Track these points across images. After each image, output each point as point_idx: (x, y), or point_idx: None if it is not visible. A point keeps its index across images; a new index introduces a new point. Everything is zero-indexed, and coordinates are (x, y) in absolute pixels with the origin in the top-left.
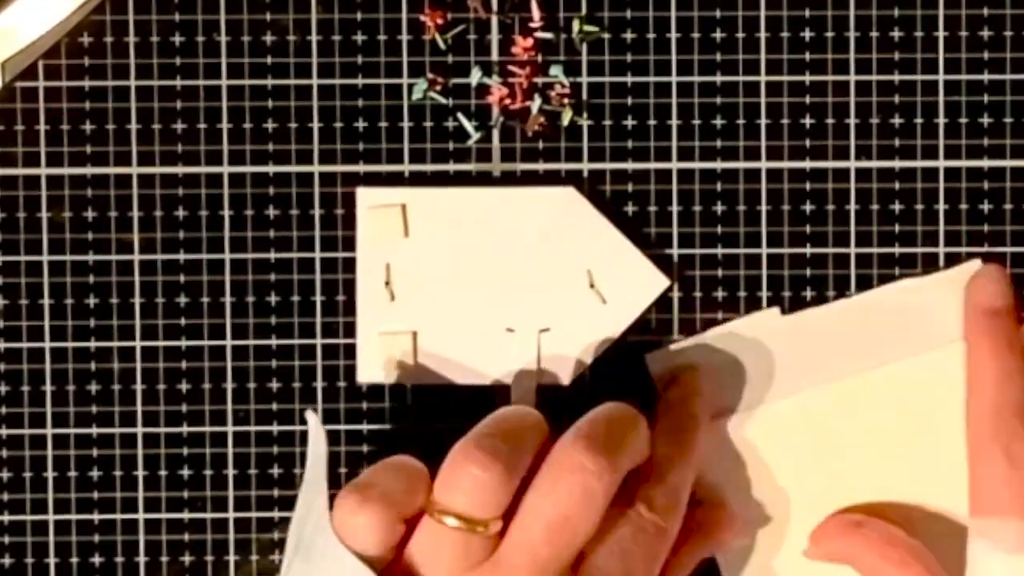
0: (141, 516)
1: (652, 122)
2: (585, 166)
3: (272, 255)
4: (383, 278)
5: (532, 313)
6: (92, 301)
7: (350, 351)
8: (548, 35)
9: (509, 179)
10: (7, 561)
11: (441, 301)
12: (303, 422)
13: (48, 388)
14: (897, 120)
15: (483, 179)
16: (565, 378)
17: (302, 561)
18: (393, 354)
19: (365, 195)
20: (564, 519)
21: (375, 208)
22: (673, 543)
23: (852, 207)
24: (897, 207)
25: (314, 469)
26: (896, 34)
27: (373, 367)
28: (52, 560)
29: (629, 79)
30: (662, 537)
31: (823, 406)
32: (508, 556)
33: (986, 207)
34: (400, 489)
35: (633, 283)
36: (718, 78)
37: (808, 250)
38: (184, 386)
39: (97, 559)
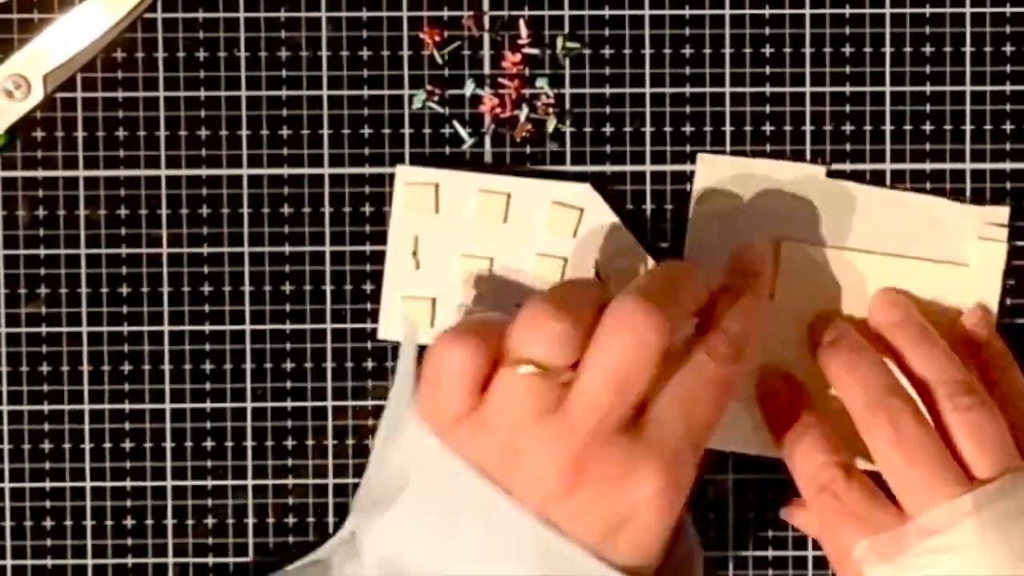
0: (169, 483)
1: (628, 129)
2: (568, 169)
3: (287, 249)
4: (411, 248)
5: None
6: (125, 290)
7: (359, 336)
8: (534, 51)
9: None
10: (48, 524)
11: (460, 274)
12: (315, 398)
13: (85, 368)
14: (848, 127)
15: None
16: None
17: (384, 441)
18: (413, 316)
19: (403, 173)
20: (620, 372)
21: (412, 185)
22: (738, 391)
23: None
24: None
25: (404, 360)
26: (847, 50)
27: (393, 327)
28: (88, 523)
29: (607, 90)
30: (724, 384)
31: (839, 264)
32: (573, 408)
33: None
34: (488, 328)
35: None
36: (687, 90)
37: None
38: (208, 366)
39: (129, 522)
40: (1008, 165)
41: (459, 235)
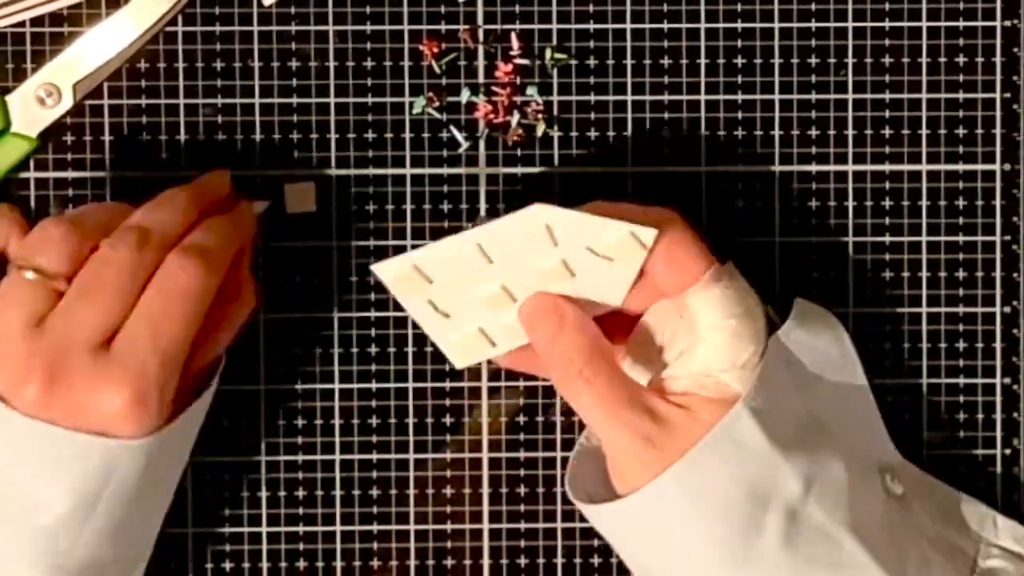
0: None
1: (611, 134)
2: (556, 170)
3: (295, 243)
4: (432, 309)
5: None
6: None
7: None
8: (525, 61)
9: (492, 181)
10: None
11: (484, 298)
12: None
13: None
14: (814, 132)
15: (471, 181)
16: None
17: None
18: (467, 346)
19: (381, 270)
20: (92, 288)
21: (396, 279)
22: (210, 302)
23: (776, 205)
24: (814, 204)
25: None
26: (813, 61)
27: (459, 356)
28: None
29: (592, 98)
30: (190, 296)
31: None
32: (50, 321)
33: (887, 204)
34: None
35: (623, 245)
36: (665, 97)
37: (743, 240)
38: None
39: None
40: (961, 167)
41: (461, 281)
